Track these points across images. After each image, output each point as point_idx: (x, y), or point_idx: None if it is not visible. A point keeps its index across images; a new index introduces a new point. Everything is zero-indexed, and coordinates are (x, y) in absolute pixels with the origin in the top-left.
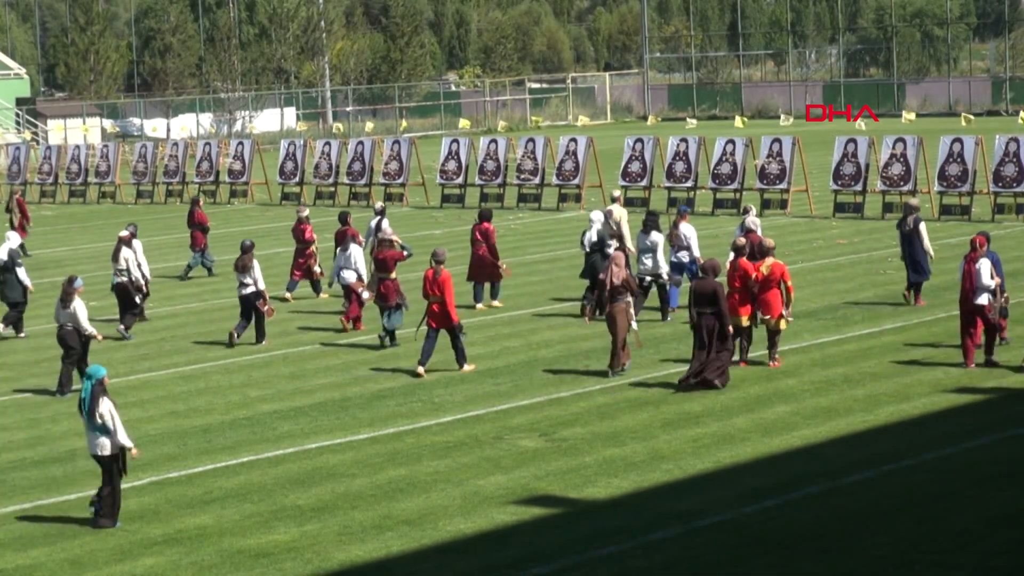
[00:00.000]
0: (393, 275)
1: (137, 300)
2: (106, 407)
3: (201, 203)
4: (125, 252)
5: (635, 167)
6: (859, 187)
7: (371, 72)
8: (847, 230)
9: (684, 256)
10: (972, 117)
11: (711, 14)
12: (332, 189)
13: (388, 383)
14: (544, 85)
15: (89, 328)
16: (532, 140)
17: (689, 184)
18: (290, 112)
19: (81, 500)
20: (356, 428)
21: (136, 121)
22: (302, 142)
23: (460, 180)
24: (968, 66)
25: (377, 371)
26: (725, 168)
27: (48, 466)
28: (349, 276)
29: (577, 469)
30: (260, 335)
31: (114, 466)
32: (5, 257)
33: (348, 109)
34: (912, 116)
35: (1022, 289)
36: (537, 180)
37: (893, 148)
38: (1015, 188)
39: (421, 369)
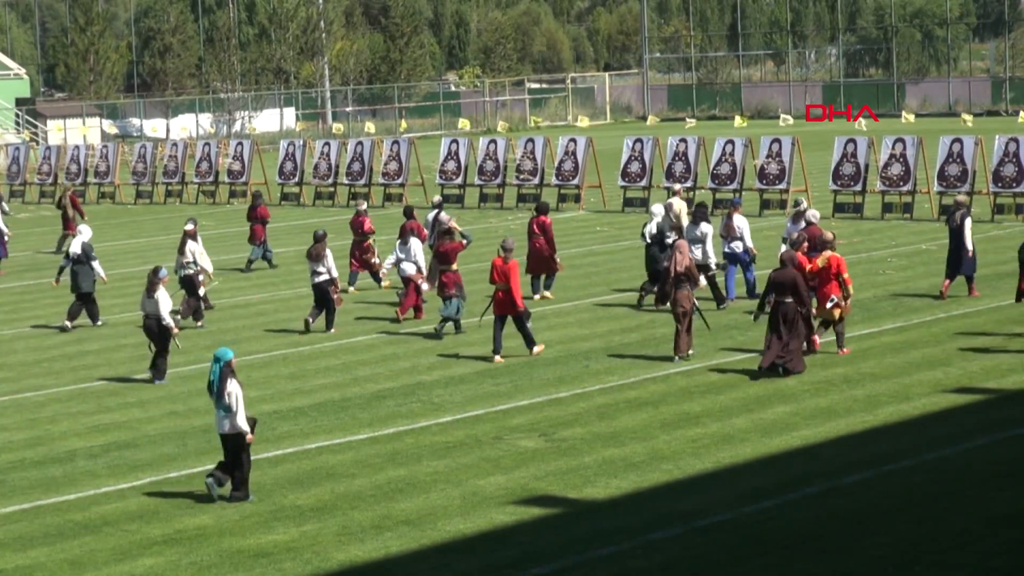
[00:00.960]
0: (454, 267)
1: (201, 292)
2: (233, 388)
3: (263, 197)
4: (191, 245)
5: (634, 167)
6: (858, 187)
7: (371, 72)
8: (847, 230)
9: (738, 247)
10: (971, 117)
11: (711, 14)
12: (331, 189)
13: (388, 383)
14: (544, 85)
15: (167, 319)
16: (531, 140)
17: (688, 184)
18: (289, 112)
19: (80, 500)
20: (356, 428)
21: (136, 121)
22: (301, 142)
23: (459, 180)
24: (968, 66)
25: (377, 371)
26: (724, 168)
27: (48, 466)
28: (409, 268)
29: (577, 469)
30: (329, 323)
31: (241, 445)
32: (79, 250)
33: (348, 109)
34: (911, 117)
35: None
36: (536, 180)
37: (893, 148)
38: (1015, 188)
39: (498, 358)
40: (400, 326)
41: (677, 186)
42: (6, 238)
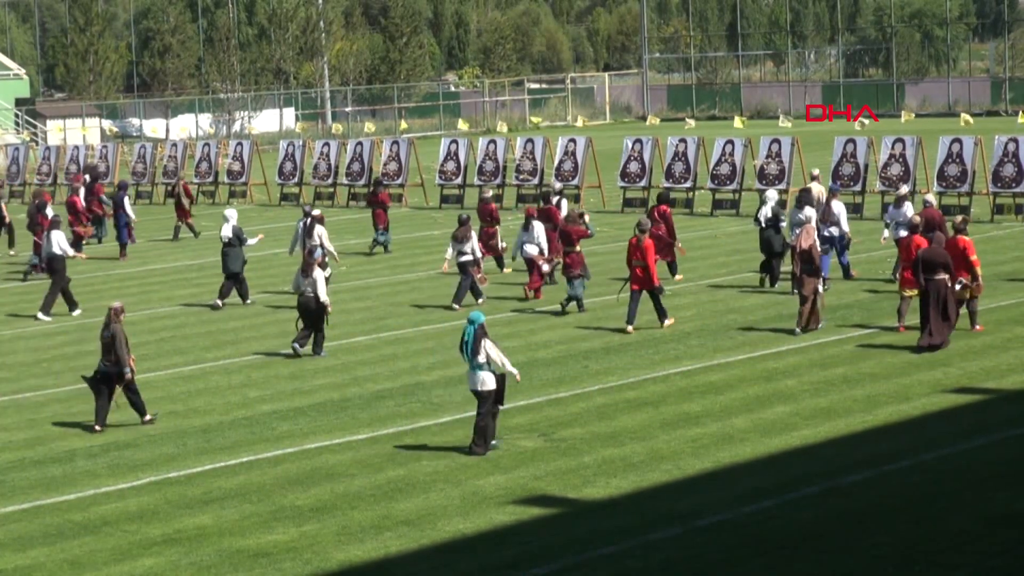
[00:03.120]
0: (577, 248)
1: (327, 273)
2: (489, 347)
3: (384, 184)
4: (318, 229)
5: (634, 167)
6: (858, 187)
7: (370, 73)
8: None
9: (834, 230)
10: (971, 118)
11: (710, 15)
12: (331, 190)
13: (387, 383)
14: (543, 85)
15: (324, 296)
16: (531, 140)
17: (688, 184)
18: (289, 113)
19: (80, 500)
20: (355, 428)
21: (135, 122)
22: (301, 143)
23: (459, 181)
24: (967, 66)
25: (377, 371)
26: (724, 168)
27: (47, 466)
28: (531, 250)
29: (576, 469)
30: (458, 297)
31: (491, 400)
32: (229, 234)
33: (347, 110)
34: (911, 116)
35: (1022, 290)
36: (536, 180)
37: (892, 148)
38: (1014, 188)
39: (630, 328)
40: (529, 304)
41: (816, 171)
42: (133, 224)
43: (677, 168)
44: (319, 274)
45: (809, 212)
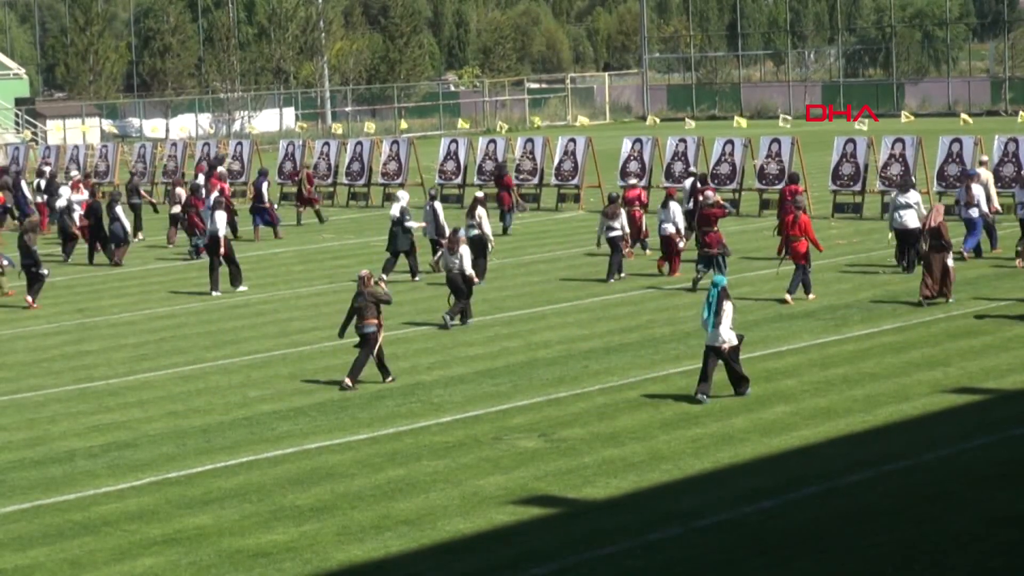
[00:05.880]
0: (715, 228)
1: (489, 250)
2: (728, 308)
3: (507, 167)
4: (479, 210)
5: (633, 167)
6: (858, 187)
7: (370, 72)
8: (846, 230)
9: (974, 212)
10: (970, 118)
11: (710, 14)
12: (331, 189)
13: (387, 383)
14: (543, 85)
15: (469, 270)
16: (531, 140)
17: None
18: (289, 112)
19: (80, 500)
20: (355, 428)
21: (135, 121)
22: (301, 142)
23: (459, 180)
24: (967, 66)
25: (377, 371)
26: (724, 168)
27: (47, 466)
28: (668, 228)
29: (576, 469)
30: (611, 273)
31: (736, 353)
32: (397, 214)
33: (347, 109)
34: (911, 116)
35: (1021, 290)
36: (536, 180)
37: (892, 148)
38: (1014, 188)
39: (790, 298)
40: (668, 281)
41: (984, 157)
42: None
43: (677, 168)
44: (465, 250)
45: (914, 195)
